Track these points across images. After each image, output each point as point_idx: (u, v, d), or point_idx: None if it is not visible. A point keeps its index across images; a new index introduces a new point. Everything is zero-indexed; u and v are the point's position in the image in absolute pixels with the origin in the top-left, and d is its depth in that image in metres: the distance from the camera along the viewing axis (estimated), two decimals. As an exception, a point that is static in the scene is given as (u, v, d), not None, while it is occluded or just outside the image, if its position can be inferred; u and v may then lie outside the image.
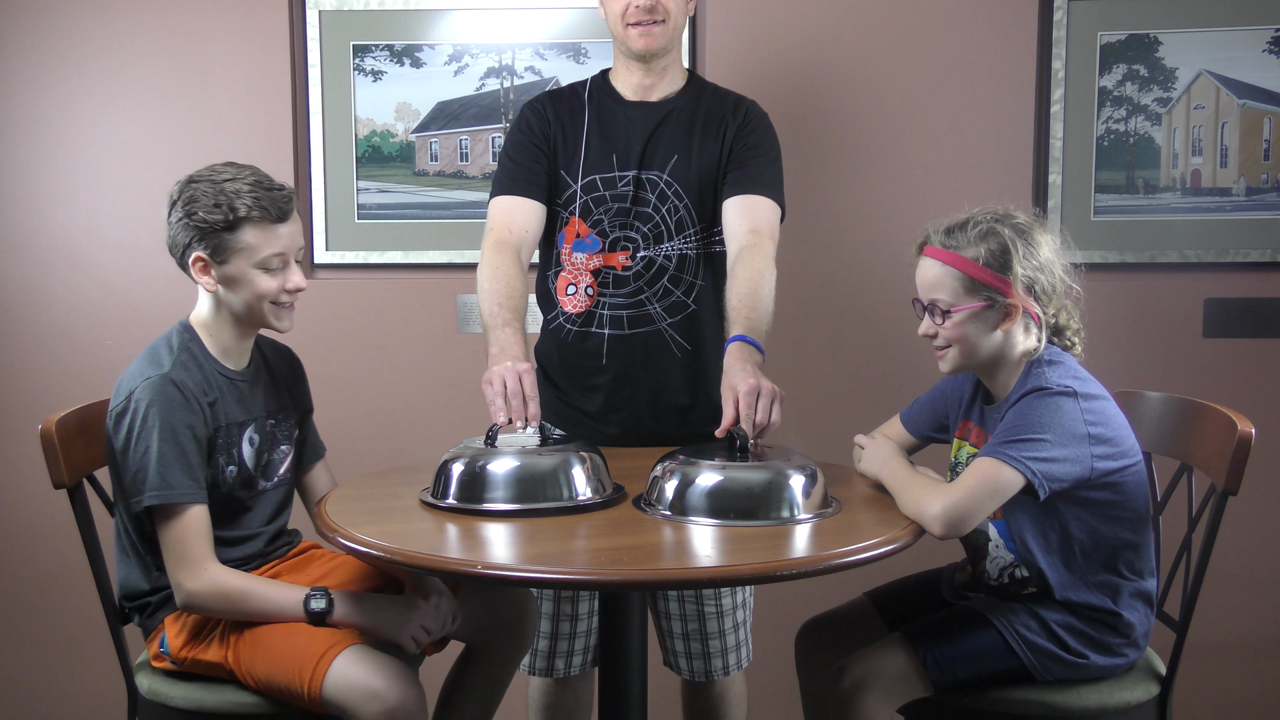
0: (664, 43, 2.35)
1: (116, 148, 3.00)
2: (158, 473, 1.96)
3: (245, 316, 2.09)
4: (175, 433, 1.98)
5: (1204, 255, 2.92)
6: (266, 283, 2.06)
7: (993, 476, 1.89)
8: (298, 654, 1.95)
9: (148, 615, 2.11)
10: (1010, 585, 2.08)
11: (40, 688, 3.13)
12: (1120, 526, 2.00)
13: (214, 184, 2.03)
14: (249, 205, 2.02)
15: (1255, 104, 2.87)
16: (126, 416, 1.99)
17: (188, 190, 2.04)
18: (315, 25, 2.97)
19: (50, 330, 3.05)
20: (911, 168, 2.92)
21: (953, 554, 2.28)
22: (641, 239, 2.36)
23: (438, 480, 1.98)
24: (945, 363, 2.04)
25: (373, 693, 1.90)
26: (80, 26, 2.97)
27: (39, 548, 3.07)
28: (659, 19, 2.32)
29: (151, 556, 2.08)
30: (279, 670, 1.96)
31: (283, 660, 1.96)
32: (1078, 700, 1.99)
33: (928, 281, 2.01)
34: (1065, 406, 1.91)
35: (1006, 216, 2.00)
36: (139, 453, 1.97)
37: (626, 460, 2.30)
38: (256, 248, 2.04)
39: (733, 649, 2.52)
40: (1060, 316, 2.03)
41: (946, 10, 2.89)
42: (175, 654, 2.06)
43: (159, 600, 2.09)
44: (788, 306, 2.94)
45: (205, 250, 2.03)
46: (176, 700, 2.05)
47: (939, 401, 2.22)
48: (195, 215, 2.02)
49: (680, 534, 1.88)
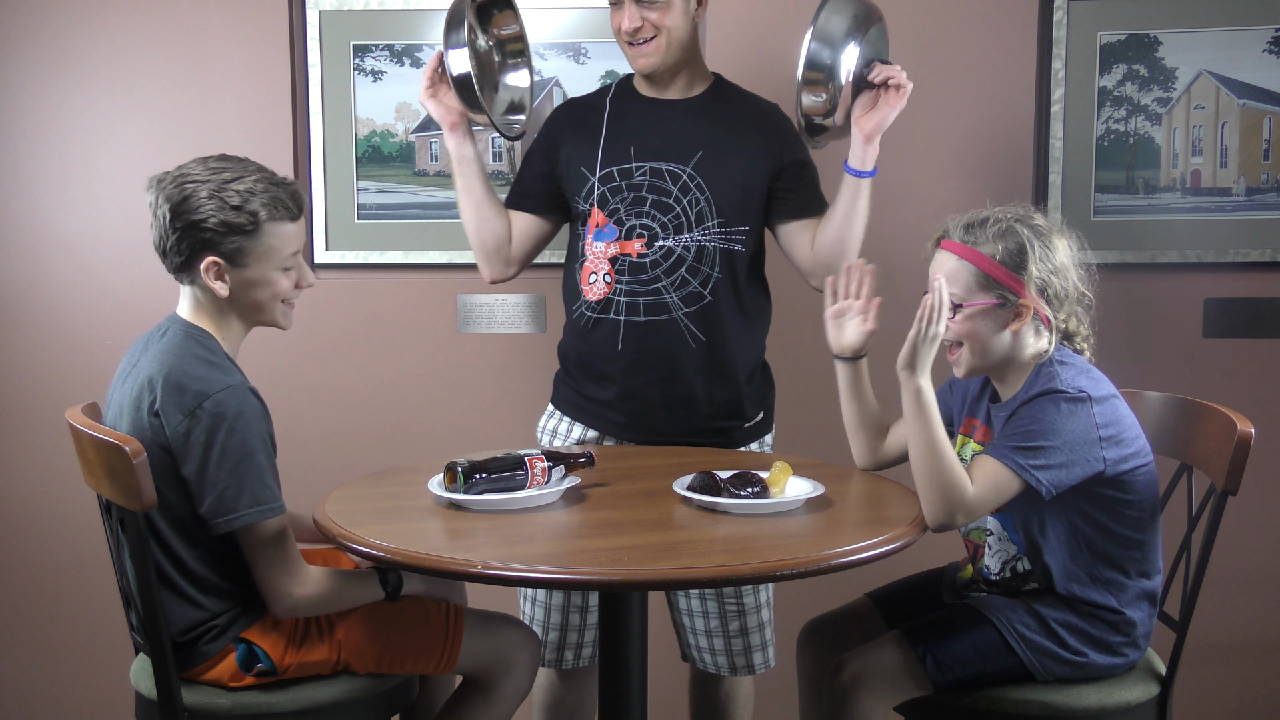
0: (660, 59, 2.41)
1: (117, 147, 3.00)
2: (258, 487, 1.89)
3: (252, 316, 2.05)
4: (265, 444, 1.93)
5: (1204, 255, 2.92)
6: (284, 282, 2.02)
7: (1000, 479, 1.90)
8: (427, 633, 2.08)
9: (210, 640, 1.97)
10: (1012, 579, 2.08)
11: (40, 688, 3.13)
12: (1127, 525, 2.00)
13: (219, 184, 1.93)
14: (268, 205, 1.95)
15: (1255, 104, 2.87)
16: (203, 434, 1.86)
17: (186, 191, 1.93)
18: (315, 25, 2.97)
19: (50, 330, 3.05)
20: (912, 168, 2.92)
21: (952, 554, 2.28)
22: (660, 228, 2.40)
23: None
24: (959, 366, 2.05)
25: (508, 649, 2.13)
26: (80, 26, 2.97)
27: (39, 548, 3.07)
28: (648, 37, 2.39)
29: (208, 581, 1.96)
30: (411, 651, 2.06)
31: (411, 642, 2.06)
32: (1077, 700, 1.99)
33: (943, 275, 2.01)
34: (1078, 412, 1.91)
35: (1026, 218, 2.02)
36: (226, 469, 1.86)
37: (631, 460, 2.31)
38: (277, 248, 1.98)
39: (757, 648, 2.54)
40: (1070, 322, 2.03)
41: (946, 10, 2.89)
42: (280, 663, 1.99)
43: (226, 620, 1.98)
44: (788, 306, 2.94)
45: (220, 254, 1.95)
46: (283, 705, 1.99)
47: (946, 396, 2.22)
48: (207, 221, 1.92)
49: (681, 534, 1.88)
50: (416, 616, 2.08)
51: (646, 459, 2.32)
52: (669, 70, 2.44)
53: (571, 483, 2.03)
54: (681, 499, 1.97)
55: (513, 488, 1.97)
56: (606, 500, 2.04)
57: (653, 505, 2.01)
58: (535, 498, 1.97)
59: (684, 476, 2.02)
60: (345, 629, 2.03)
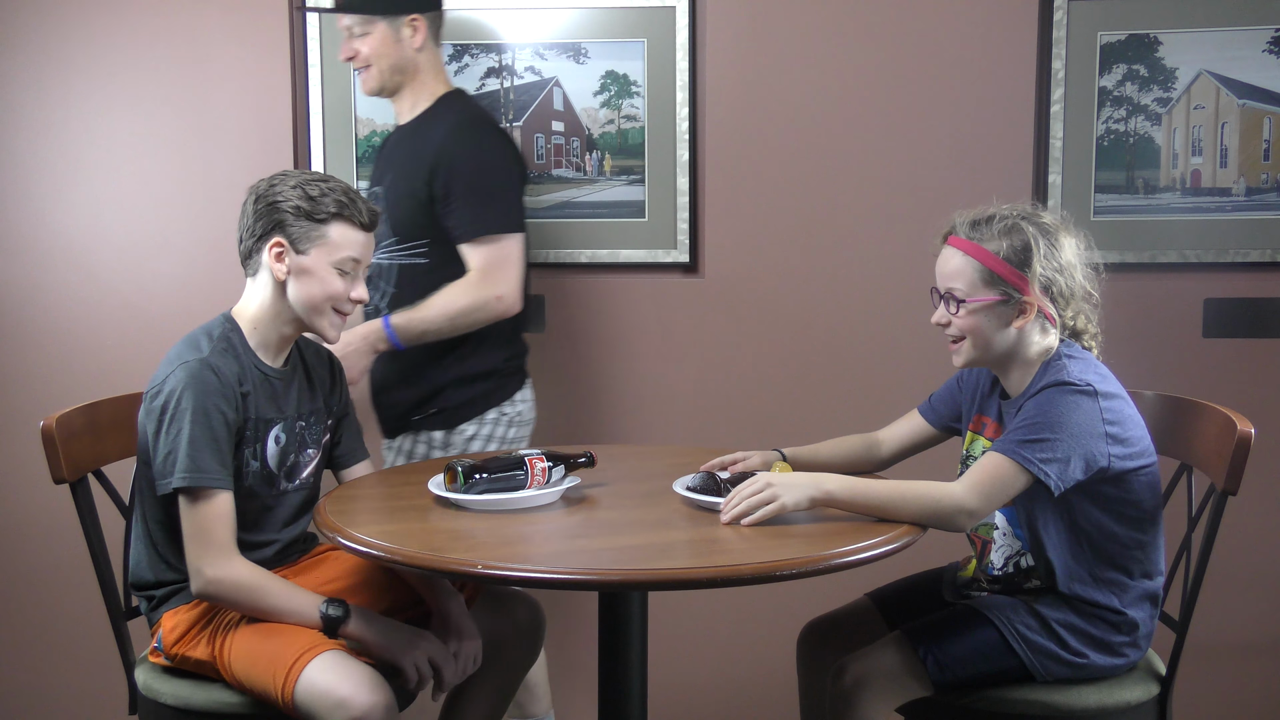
0: (377, 84, 2.64)
1: (116, 148, 3.00)
2: (189, 455, 1.96)
3: (303, 315, 2.10)
4: (209, 417, 1.98)
5: (1204, 255, 2.92)
6: (337, 283, 2.09)
7: (1006, 473, 1.90)
8: (275, 656, 1.95)
9: (152, 608, 2.12)
10: (1014, 575, 2.08)
11: (41, 687, 3.13)
12: (1129, 525, 2.00)
13: (306, 179, 2.08)
14: (342, 203, 2.07)
15: (1255, 104, 2.87)
16: (160, 399, 2.00)
17: (277, 180, 2.08)
18: (315, 25, 2.97)
19: (50, 330, 3.05)
20: (912, 168, 2.92)
21: (953, 554, 2.28)
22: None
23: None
24: (958, 356, 2.05)
25: (338, 701, 1.88)
26: (80, 27, 2.97)
27: (39, 547, 3.08)
28: (362, 66, 2.63)
29: (167, 547, 2.08)
30: (257, 671, 1.96)
31: (260, 661, 1.96)
32: (1078, 700, 1.99)
33: (947, 270, 2.02)
34: (1084, 405, 1.91)
35: (1033, 216, 2.02)
36: (171, 435, 1.97)
37: (631, 460, 2.31)
38: (339, 245, 2.07)
39: None
40: (1079, 321, 2.04)
41: (946, 10, 2.89)
42: (168, 649, 2.07)
43: (163, 595, 2.10)
44: (788, 305, 2.95)
45: (286, 237, 2.06)
46: (166, 697, 2.06)
47: (956, 393, 2.23)
48: (286, 202, 2.05)
49: (681, 534, 1.88)
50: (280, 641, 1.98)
51: (647, 459, 2.33)
52: (388, 94, 2.66)
53: (572, 483, 2.03)
54: (681, 499, 1.97)
55: (513, 487, 1.97)
56: (606, 500, 2.04)
57: (653, 505, 2.01)
58: (535, 498, 1.97)
59: (684, 477, 2.02)
60: (229, 635, 2.02)
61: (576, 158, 2.99)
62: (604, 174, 2.99)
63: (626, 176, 2.99)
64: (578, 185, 3.00)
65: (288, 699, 1.91)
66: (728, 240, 2.97)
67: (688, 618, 3.01)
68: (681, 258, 2.98)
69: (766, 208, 2.96)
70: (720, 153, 2.95)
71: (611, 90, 2.97)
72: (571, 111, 2.98)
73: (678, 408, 3.01)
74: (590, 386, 2.83)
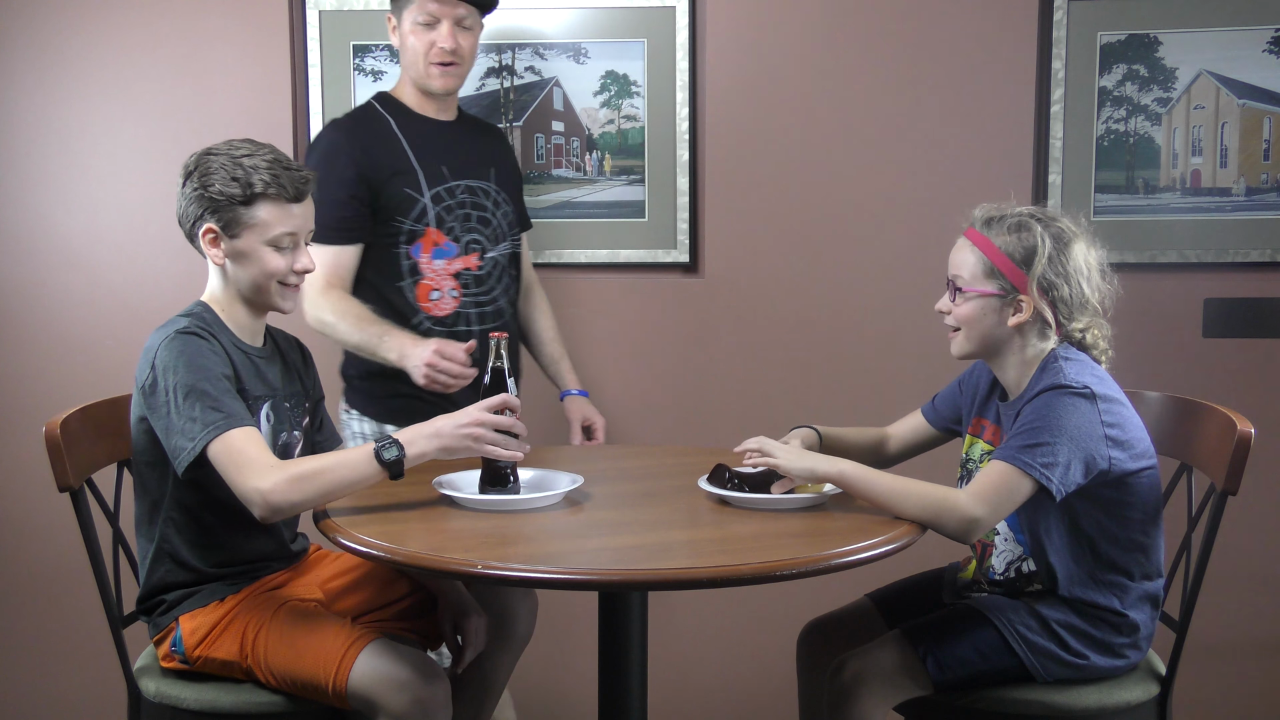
0: (459, 84, 2.61)
1: (116, 148, 3.00)
2: (208, 409, 1.91)
3: (251, 295, 2.08)
4: (207, 372, 1.95)
5: (1204, 255, 2.92)
6: (275, 261, 2.05)
7: (1010, 481, 1.90)
8: (322, 649, 1.95)
9: (161, 613, 2.06)
10: (1016, 580, 2.08)
11: (41, 690, 3.13)
12: (1130, 527, 2.00)
13: (231, 158, 2.02)
14: (266, 181, 2.01)
15: (1255, 104, 2.87)
16: (152, 380, 1.95)
17: (204, 162, 2.03)
18: (315, 25, 2.97)
19: (50, 330, 3.05)
20: (911, 168, 2.92)
21: (953, 554, 2.28)
22: (486, 241, 2.61)
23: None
24: (954, 346, 2.07)
25: (400, 683, 1.90)
26: (80, 26, 2.97)
27: (39, 550, 3.07)
28: (457, 61, 2.55)
29: (186, 539, 2.04)
30: (303, 664, 1.95)
31: (306, 654, 1.96)
32: (1078, 700, 1.99)
33: (955, 259, 2.05)
34: (1082, 408, 1.91)
35: (1048, 220, 2.02)
36: (176, 404, 1.92)
37: (631, 460, 2.31)
38: (269, 224, 2.03)
39: None
40: (1089, 335, 2.03)
41: (946, 10, 2.89)
42: (190, 653, 2.02)
43: (175, 598, 2.06)
44: (788, 305, 2.95)
45: (217, 223, 2.02)
46: (188, 702, 2.01)
47: (957, 395, 2.23)
48: (211, 187, 2.00)
49: (681, 534, 1.88)
50: (324, 635, 1.99)
51: (647, 459, 2.33)
52: (453, 91, 2.62)
53: (573, 483, 2.03)
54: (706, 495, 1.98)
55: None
56: (606, 500, 2.04)
57: (653, 505, 2.01)
58: (535, 498, 1.97)
59: (705, 475, 2.03)
60: (259, 633, 2.00)
61: (576, 158, 2.99)
62: (604, 174, 2.99)
63: (626, 176, 2.99)
64: (578, 185, 3.00)
65: (340, 687, 1.91)
66: (728, 240, 2.97)
67: (688, 618, 3.01)
68: (681, 258, 2.99)
69: (766, 208, 2.96)
70: (720, 153, 2.95)
71: (611, 90, 2.97)
72: (571, 111, 2.98)
73: (677, 407, 3.01)
74: (590, 386, 2.82)
